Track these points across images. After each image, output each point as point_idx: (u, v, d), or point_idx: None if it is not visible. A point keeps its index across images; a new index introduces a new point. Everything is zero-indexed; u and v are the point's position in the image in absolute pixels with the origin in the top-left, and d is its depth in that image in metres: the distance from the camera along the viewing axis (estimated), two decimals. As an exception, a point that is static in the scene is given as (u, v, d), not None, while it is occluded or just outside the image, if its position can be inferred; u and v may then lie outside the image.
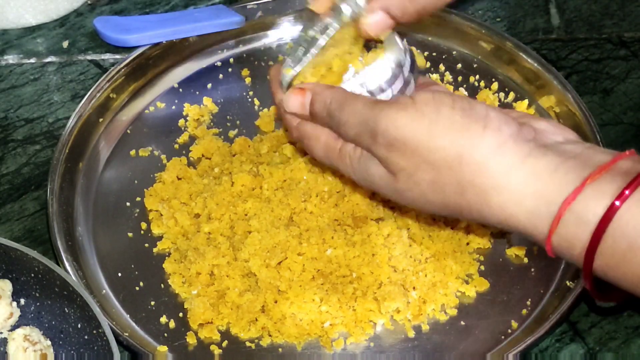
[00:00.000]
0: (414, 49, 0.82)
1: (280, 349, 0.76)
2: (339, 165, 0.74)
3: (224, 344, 0.76)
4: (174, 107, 0.91)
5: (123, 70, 0.90)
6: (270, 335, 0.76)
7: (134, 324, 0.77)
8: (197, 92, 0.92)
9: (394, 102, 0.69)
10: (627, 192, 0.61)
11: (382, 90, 0.73)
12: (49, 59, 0.95)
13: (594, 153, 0.64)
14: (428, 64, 0.93)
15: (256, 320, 0.76)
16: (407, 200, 0.70)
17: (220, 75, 0.93)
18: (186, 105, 0.90)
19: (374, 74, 0.73)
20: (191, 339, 0.76)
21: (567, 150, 0.65)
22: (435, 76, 0.92)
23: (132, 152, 0.88)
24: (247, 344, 0.76)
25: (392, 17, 0.74)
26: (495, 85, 0.91)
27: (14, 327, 0.75)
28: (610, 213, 0.61)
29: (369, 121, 0.69)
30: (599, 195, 0.62)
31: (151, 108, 0.91)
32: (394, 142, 0.67)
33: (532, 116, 0.70)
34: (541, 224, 0.64)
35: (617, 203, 0.61)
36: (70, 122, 0.86)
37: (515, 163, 0.64)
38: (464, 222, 0.80)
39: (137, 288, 0.79)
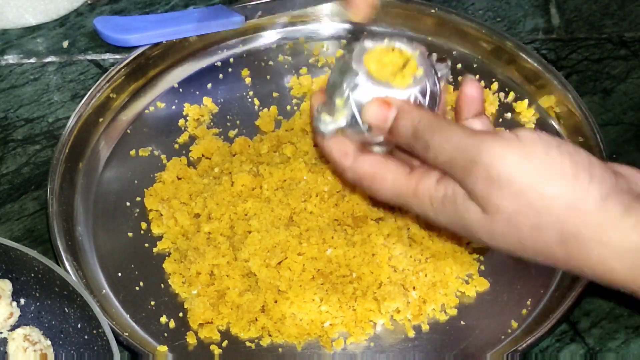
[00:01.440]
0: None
1: (280, 349, 0.76)
2: (413, 206, 0.68)
3: (224, 344, 0.76)
4: (174, 107, 0.91)
5: (123, 70, 0.90)
6: (270, 335, 0.76)
7: (134, 324, 0.77)
8: (197, 92, 0.92)
9: (497, 134, 0.64)
10: None
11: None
12: (49, 59, 0.95)
13: None
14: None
15: (256, 320, 0.76)
16: (502, 244, 0.66)
17: (220, 75, 0.93)
18: (186, 105, 0.90)
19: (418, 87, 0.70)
20: (191, 339, 0.76)
21: None
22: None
23: (132, 152, 0.88)
24: (247, 344, 0.76)
25: None
26: (495, 85, 0.91)
27: (14, 327, 0.75)
28: None
29: (469, 149, 0.64)
30: None
31: (151, 108, 0.91)
32: (497, 179, 0.63)
33: (614, 164, 0.67)
34: None
35: None
36: (70, 122, 0.86)
37: (617, 216, 0.62)
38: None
39: (137, 288, 0.79)
